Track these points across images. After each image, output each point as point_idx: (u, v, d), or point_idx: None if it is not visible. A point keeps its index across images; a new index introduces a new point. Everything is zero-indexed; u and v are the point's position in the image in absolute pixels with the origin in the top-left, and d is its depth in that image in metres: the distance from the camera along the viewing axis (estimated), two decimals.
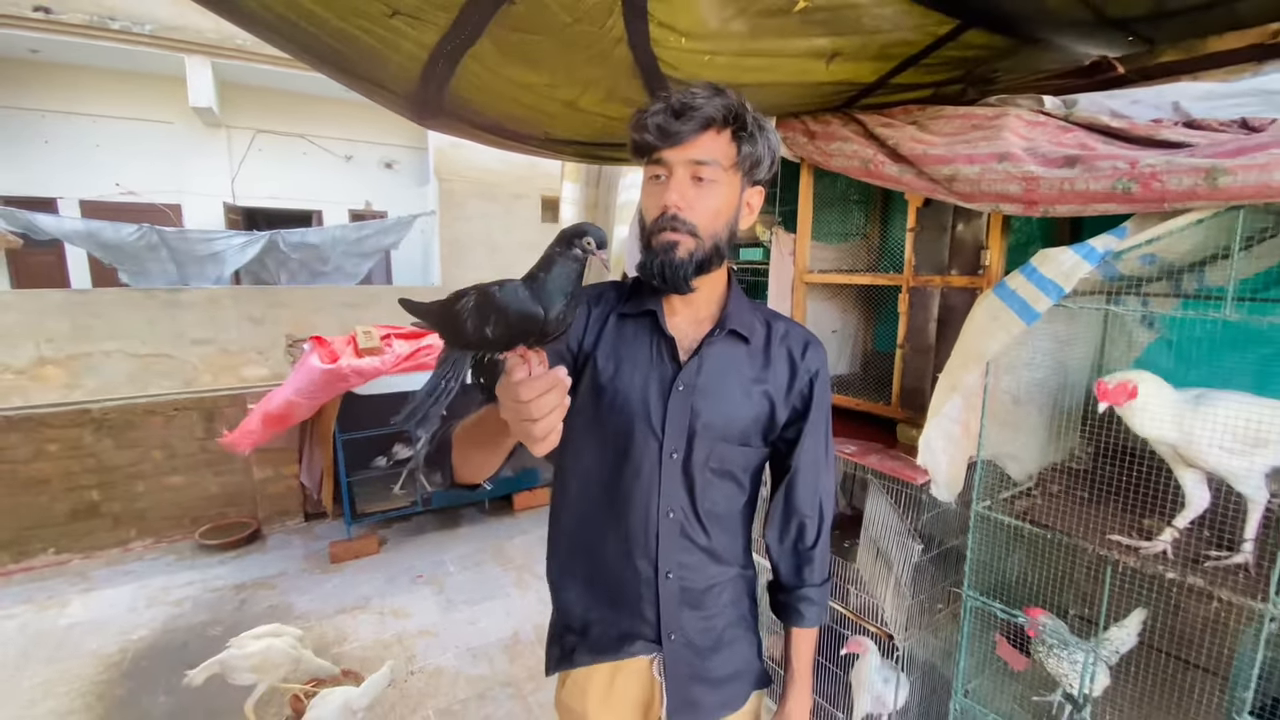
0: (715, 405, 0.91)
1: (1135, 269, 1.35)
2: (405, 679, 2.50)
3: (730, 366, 0.93)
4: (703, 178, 0.84)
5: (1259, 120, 1.12)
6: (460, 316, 0.68)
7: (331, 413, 3.35)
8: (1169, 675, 1.45)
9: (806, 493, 0.99)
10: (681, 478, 0.92)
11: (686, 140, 0.83)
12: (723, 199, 0.87)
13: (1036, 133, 1.45)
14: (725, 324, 0.92)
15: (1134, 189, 1.16)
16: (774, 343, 0.96)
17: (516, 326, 0.68)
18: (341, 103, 7.03)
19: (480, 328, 0.67)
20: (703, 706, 0.97)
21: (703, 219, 0.85)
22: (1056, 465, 1.76)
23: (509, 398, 0.66)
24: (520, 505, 4.16)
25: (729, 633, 0.99)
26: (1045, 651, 1.45)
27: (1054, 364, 1.63)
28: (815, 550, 1.02)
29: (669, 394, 0.90)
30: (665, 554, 0.92)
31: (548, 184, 6.60)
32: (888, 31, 1.53)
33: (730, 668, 0.99)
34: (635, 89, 1.84)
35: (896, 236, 2.36)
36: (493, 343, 0.68)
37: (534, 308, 0.68)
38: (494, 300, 0.67)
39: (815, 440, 0.98)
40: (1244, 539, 1.15)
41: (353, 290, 5.79)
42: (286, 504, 3.94)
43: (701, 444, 0.91)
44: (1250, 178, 0.98)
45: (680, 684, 0.95)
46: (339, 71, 1.77)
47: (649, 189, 0.89)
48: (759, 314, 0.98)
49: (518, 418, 0.65)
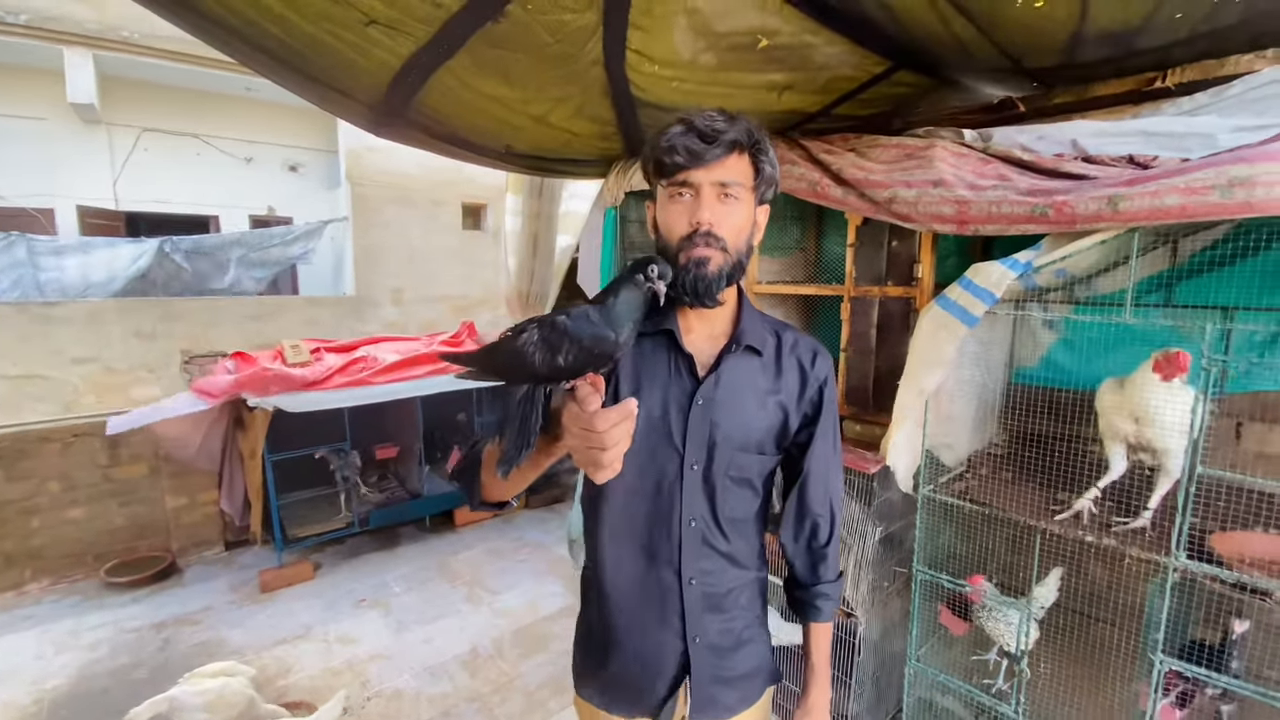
0: (733, 417, 0.94)
1: (1049, 280, 1.58)
2: (363, 705, 2.41)
3: (746, 380, 0.96)
4: (729, 195, 0.88)
5: (1143, 157, 1.36)
6: (525, 352, 0.69)
7: (259, 432, 3.15)
8: (1086, 631, 1.70)
9: (818, 493, 1.04)
10: (703, 487, 0.95)
11: (715, 162, 0.86)
12: (745, 216, 0.92)
13: (962, 163, 1.66)
14: (741, 340, 0.95)
15: (1049, 212, 1.37)
16: (784, 353, 1.00)
17: (590, 353, 0.70)
18: (240, 101, 6.57)
19: (551, 359, 0.69)
20: (723, 704, 1.01)
21: (730, 235, 0.89)
22: (981, 451, 2.00)
23: (581, 426, 0.67)
24: (462, 521, 4.07)
25: (746, 633, 1.03)
26: (985, 614, 1.66)
27: (979, 363, 1.86)
28: (829, 548, 1.07)
29: (689, 409, 0.93)
30: (688, 561, 0.95)
31: (469, 190, 6.47)
32: (833, 69, 1.70)
33: (748, 665, 1.03)
34: (604, 107, 1.92)
35: (832, 250, 2.58)
36: (565, 371, 0.70)
37: (607, 332, 0.71)
38: (566, 331, 0.69)
39: (825, 443, 1.02)
40: (1146, 507, 1.39)
41: (256, 301, 5.40)
42: (204, 533, 3.64)
43: (721, 454, 0.94)
44: (1144, 204, 1.21)
45: (703, 684, 0.98)
46: (296, 76, 1.73)
47: (672, 207, 0.91)
48: (768, 325, 1.02)
49: (588, 446, 0.67)
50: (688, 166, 0.87)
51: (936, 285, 1.85)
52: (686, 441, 0.93)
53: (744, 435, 0.95)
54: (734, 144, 0.87)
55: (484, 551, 3.75)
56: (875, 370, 2.35)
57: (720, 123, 0.87)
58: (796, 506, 1.05)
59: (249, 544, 3.78)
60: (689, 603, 0.96)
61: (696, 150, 0.86)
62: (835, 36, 1.49)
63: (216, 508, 3.62)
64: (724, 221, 0.89)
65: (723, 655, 1.00)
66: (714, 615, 0.98)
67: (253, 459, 3.27)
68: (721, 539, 0.97)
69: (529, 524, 4.13)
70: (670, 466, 0.94)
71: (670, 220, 0.91)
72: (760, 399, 0.97)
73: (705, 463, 0.94)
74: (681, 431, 0.93)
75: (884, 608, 2.08)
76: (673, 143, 0.87)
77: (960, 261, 2.17)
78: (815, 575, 1.08)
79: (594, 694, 1.05)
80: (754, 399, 0.96)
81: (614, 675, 1.01)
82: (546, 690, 2.44)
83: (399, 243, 6.18)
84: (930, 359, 1.56)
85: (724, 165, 0.88)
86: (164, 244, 5.05)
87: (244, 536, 3.78)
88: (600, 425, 0.66)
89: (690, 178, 0.88)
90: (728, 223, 0.89)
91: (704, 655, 0.98)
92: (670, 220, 0.91)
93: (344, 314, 5.62)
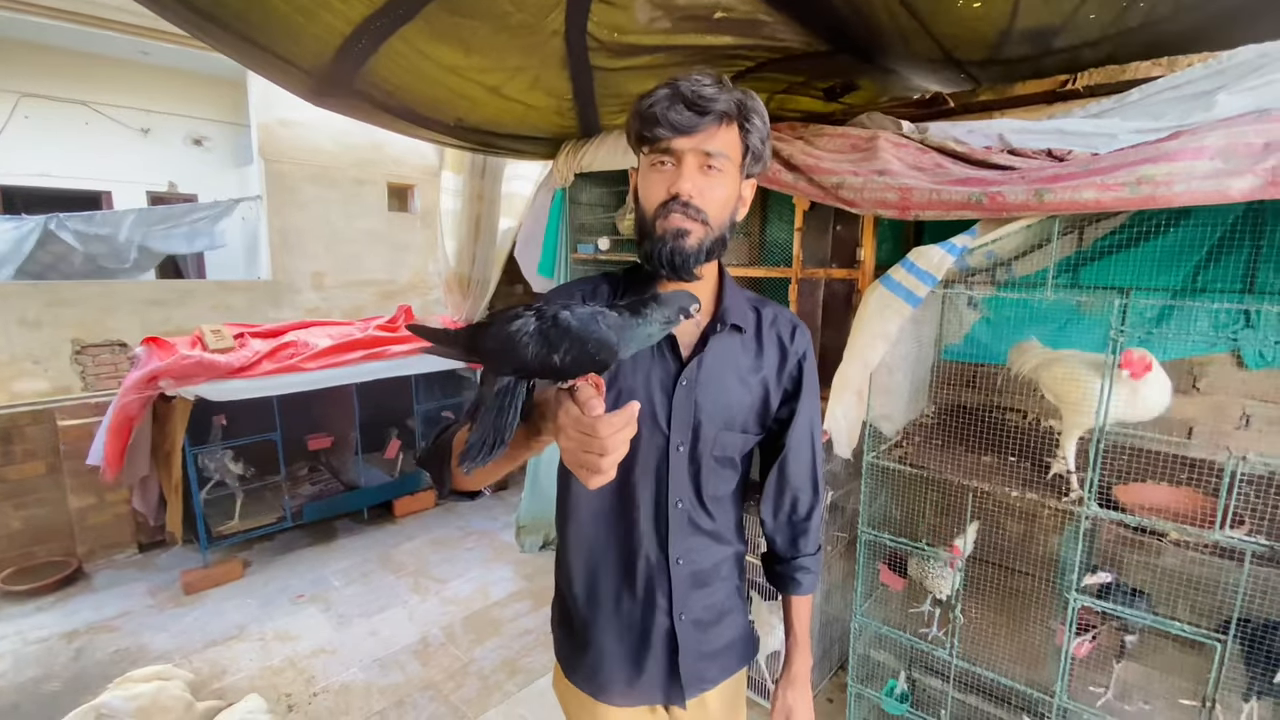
0: (717, 397, 0.93)
1: (980, 262, 1.73)
2: (309, 701, 2.32)
3: (729, 358, 0.95)
4: (712, 166, 0.84)
5: (1060, 151, 1.52)
6: (518, 342, 0.62)
7: (179, 424, 2.93)
8: (1007, 580, 1.89)
9: (799, 468, 1.03)
10: (688, 468, 0.94)
11: (700, 131, 0.82)
12: (729, 190, 0.88)
13: (903, 153, 1.78)
14: (725, 319, 0.93)
15: (984, 200, 1.51)
16: (765, 329, 0.98)
17: (592, 358, 0.63)
18: (134, 65, 5.99)
19: (546, 356, 0.62)
20: (707, 677, 1.02)
21: (712, 208, 0.86)
22: (914, 421, 2.16)
23: (581, 430, 0.62)
24: (402, 511, 3.95)
25: (727, 603, 1.04)
26: (924, 570, 1.81)
27: (913, 340, 2.01)
28: (810, 522, 1.07)
29: (674, 391, 0.91)
30: (675, 542, 0.95)
31: (395, 170, 6.18)
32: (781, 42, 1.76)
33: (729, 636, 1.05)
34: (561, 79, 1.92)
35: (775, 234, 2.68)
36: (558, 371, 0.63)
37: (614, 342, 0.64)
38: (569, 329, 0.62)
39: (805, 418, 1.01)
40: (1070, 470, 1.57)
41: (159, 286, 4.95)
42: (114, 535, 3.36)
43: (706, 434, 0.93)
44: (1065, 195, 1.35)
45: (690, 660, 0.99)
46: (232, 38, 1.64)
47: (652, 176, 0.87)
48: (748, 301, 1.00)
49: (586, 450, 0.62)
50: (671, 135, 0.82)
51: (876, 268, 1.98)
52: (672, 423, 0.91)
53: (727, 414, 0.94)
54: (722, 115, 0.83)
55: (427, 541, 3.66)
56: (822, 348, 2.48)
57: (708, 89, 0.82)
58: (777, 482, 1.04)
59: (167, 544, 3.52)
60: (676, 582, 0.96)
61: (681, 121, 0.81)
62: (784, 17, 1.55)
63: (128, 507, 3.34)
64: (706, 193, 0.85)
65: (706, 629, 1.01)
66: (699, 591, 0.99)
67: (170, 454, 3.04)
68: (706, 518, 0.97)
69: (474, 512, 4.06)
70: (655, 449, 0.92)
71: (649, 189, 0.87)
72: (743, 377, 0.96)
73: (690, 443, 0.93)
74: (666, 413, 0.91)
75: (828, 571, 2.22)
76: (656, 109, 0.82)
77: (895, 247, 2.32)
78: (796, 549, 1.08)
79: (583, 680, 1.02)
80: (737, 378, 0.95)
81: (602, 657, 1.00)
82: (502, 673, 2.44)
83: (319, 224, 5.82)
84: (875, 335, 1.67)
85: (709, 135, 0.83)
86: (50, 221, 4.57)
87: (160, 537, 3.51)
88: (604, 431, 0.61)
89: (674, 145, 0.83)
90: (710, 195, 0.85)
91: (690, 631, 0.98)
92: (649, 189, 0.87)
93: (260, 299, 5.26)
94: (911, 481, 1.93)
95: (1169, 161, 1.25)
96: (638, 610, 0.97)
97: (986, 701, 2.04)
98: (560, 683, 1.09)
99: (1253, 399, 1.76)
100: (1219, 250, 1.74)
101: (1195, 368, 1.84)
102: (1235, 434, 1.79)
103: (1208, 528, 1.30)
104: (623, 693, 1.00)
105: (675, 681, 0.99)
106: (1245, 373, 1.78)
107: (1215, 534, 1.28)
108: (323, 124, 5.62)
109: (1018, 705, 1.83)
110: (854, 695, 1.96)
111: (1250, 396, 1.77)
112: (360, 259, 5.92)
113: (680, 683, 0.99)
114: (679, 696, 1.00)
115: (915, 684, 2.14)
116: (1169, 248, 1.78)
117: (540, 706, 2.24)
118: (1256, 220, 1.66)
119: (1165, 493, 1.49)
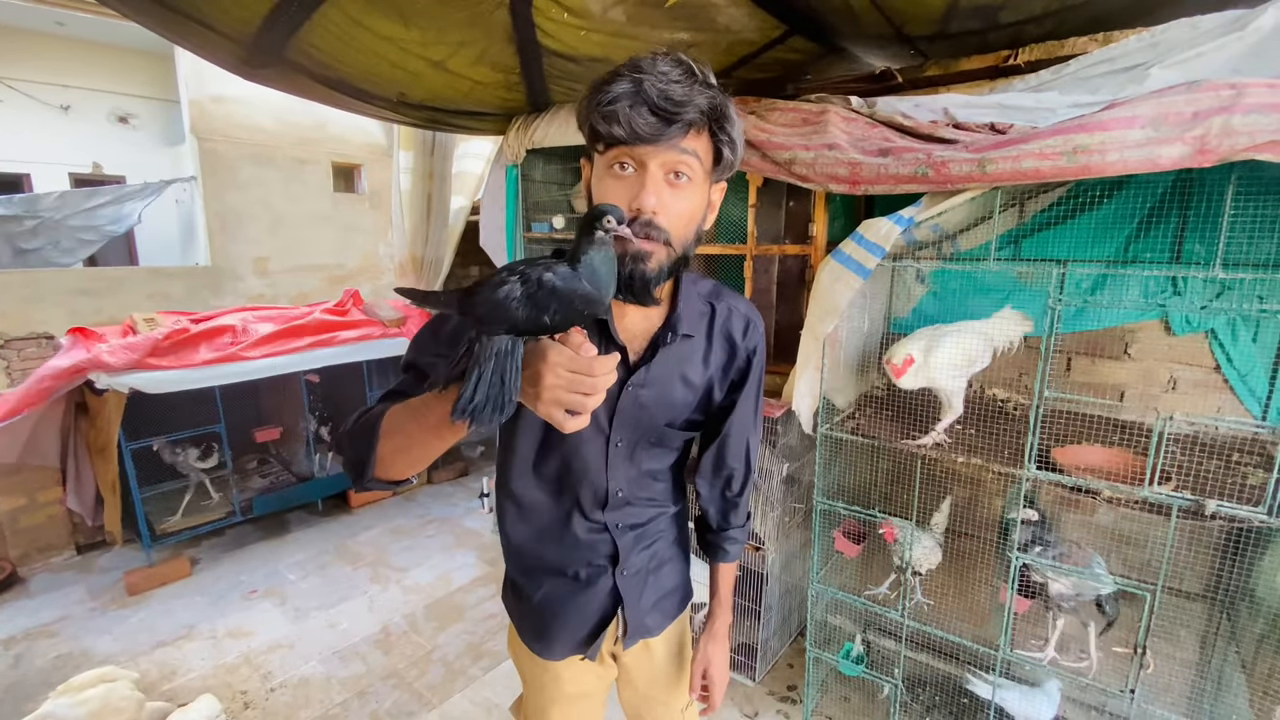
0: (661, 399, 0.93)
1: (927, 235, 1.76)
2: (266, 697, 2.26)
3: (676, 364, 0.94)
4: (680, 174, 0.77)
5: (1002, 125, 1.55)
6: (509, 306, 0.64)
7: (113, 418, 2.77)
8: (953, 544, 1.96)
9: (737, 449, 1.06)
10: (626, 460, 0.96)
11: (666, 139, 0.73)
12: (696, 201, 0.81)
13: (852, 127, 1.79)
14: (677, 328, 0.90)
15: (930, 173, 1.53)
16: (716, 330, 0.97)
17: (580, 314, 0.67)
18: (50, 38, 5.57)
19: (536, 317, 0.64)
20: (649, 625, 1.08)
21: (676, 225, 0.79)
22: (865, 394, 2.21)
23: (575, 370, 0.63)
24: (358, 501, 3.86)
25: (666, 552, 1.09)
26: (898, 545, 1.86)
27: (863, 315, 2.05)
28: (741, 497, 1.11)
29: (619, 396, 0.90)
30: (613, 515, 0.99)
31: (340, 149, 5.92)
32: (735, 31, 1.76)
33: (669, 584, 1.11)
34: (508, 54, 1.85)
35: (730, 212, 2.68)
36: (549, 328, 0.66)
37: (595, 294, 0.67)
38: (555, 290, 0.64)
39: (748, 406, 1.03)
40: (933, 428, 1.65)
41: (86, 274, 4.66)
42: (49, 537, 3.18)
43: (645, 430, 0.95)
44: (1006, 166, 1.38)
45: (634, 611, 1.04)
46: (149, 5, 1.52)
47: (610, 181, 0.79)
48: (703, 297, 0.97)
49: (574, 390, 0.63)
50: (632, 143, 0.74)
51: (829, 243, 2.00)
52: (614, 425, 0.92)
53: (670, 414, 0.95)
54: (690, 124, 0.74)
55: (386, 531, 3.59)
56: (776, 324, 2.51)
57: (678, 91, 0.72)
58: (714, 461, 1.07)
59: (106, 545, 3.35)
60: (619, 544, 1.00)
61: (645, 128, 0.72)
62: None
63: (62, 508, 3.17)
64: (670, 208, 0.78)
65: (646, 579, 1.06)
66: (639, 546, 1.03)
67: (104, 450, 2.88)
68: (644, 492, 1.01)
69: (433, 499, 4.00)
70: (595, 445, 0.93)
71: (607, 197, 0.78)
72: (687, 379, 0.96)
73: (630, 439, 0.94)
74: (609, 416, 0.91)
75: (786, 540, 2.27)
76: (616, 109, 0.72)
77: (847, 223, 2.35)
78: (726, 521, 1.13)
79: (532, 639, 1.07)
80: (681, 380, 0.95)
81: (550, 618, 1.04)
82: (467, 658, 2.42)
83: (260, 207, 5.54)
84: (827, 308, 1.70)
85: (678, 144, 0.75)
86: None
87: (99, 538, 3.35)
88: (599, 370, 0.63)
89: (634, 153, 0.75)
90: (674, 210, 0.78)
91: (631, 583, 1.03)
92: (607, 197, 0.78)
93: (198, 286, 5.02)
94: (863, 451, 1.98)
95: (1103, 130, 1.29)
96: (582, 570, 1.01)
97: (937, 659, 2.13)
98: (514, 644, 1.13)
99: (1178, 363, 1.86)
100: (1149, 222, 1.81)
101: (1127, 335, 1.93)
102: (1163, 396, 1.88)
103: (1138, 485, 1.37)
104: (569, 646, 1.05)
105: (620, 632, 1.06)
106: (1172, 339, 1.87)
107: (1145, 491, 1.36)
108: (260, 100, 5.33)
109: (965, 660, 1.92)
110: (812, 659, 2.02)
111: (1176, 361, 1.87)
112: (306, 243, 5.68)
113: (625, 633, 1.05)
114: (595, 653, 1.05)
115: (870, 646, 2.22)
116: (1103, 220, 1.85)
117: (505, 689, 2.24)
118: (1184, 192, 1.73)
119: (1100, 453, 1.56)
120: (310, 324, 3.37)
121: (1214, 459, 1.52)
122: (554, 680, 1.09)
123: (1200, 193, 1.68)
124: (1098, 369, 1.98)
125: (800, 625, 2.55)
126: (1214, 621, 1.76)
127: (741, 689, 2.25)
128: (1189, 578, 1.83)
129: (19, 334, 3.88)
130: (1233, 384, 1.78)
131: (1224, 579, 1.62)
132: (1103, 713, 1.92)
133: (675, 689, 1.18)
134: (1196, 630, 1.78)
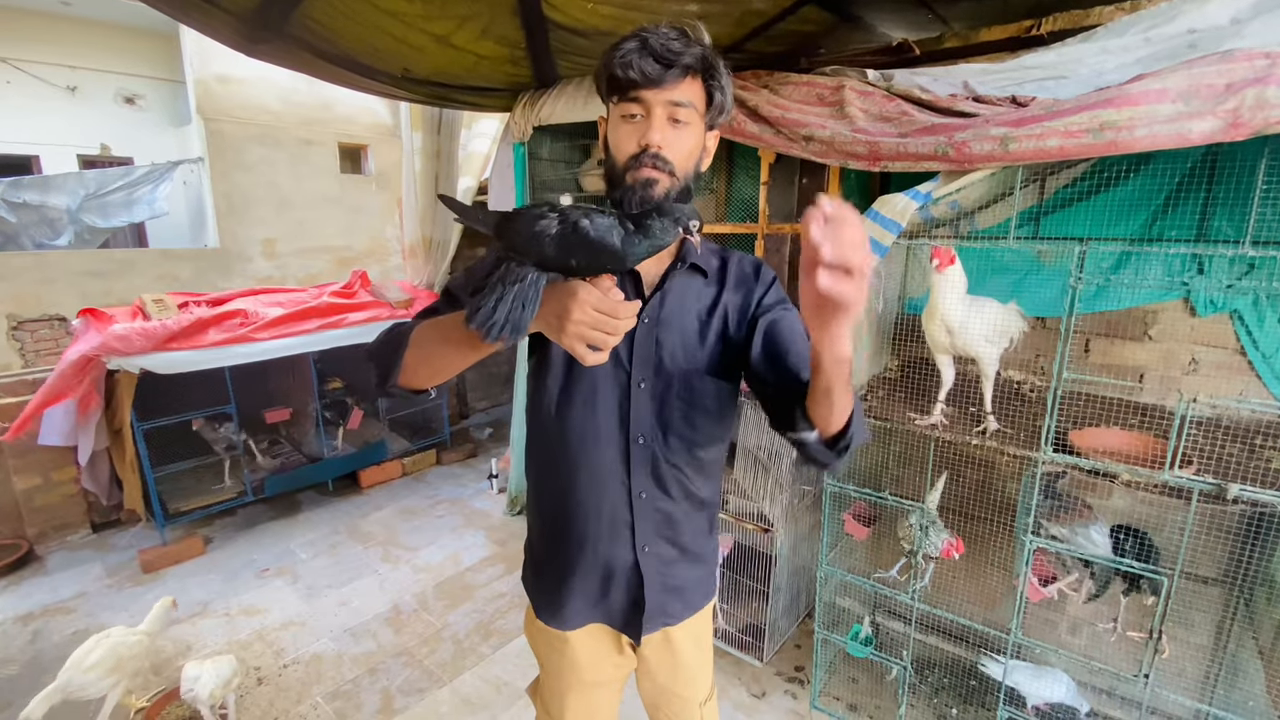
0: (678, 336, 0.95)
1: (944, 213, 1.72)
2: (279, 673, 2.30)
3: (691, 298, 0.97)
4: (679, 119, 0.89)
5: (1024, 97, 1.50)
6: (542, 241, 0.69)
7: (125, 399, 2.79)
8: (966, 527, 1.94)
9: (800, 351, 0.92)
10: (650, 405, 0.96)
11: (668, 84, 0.86)
12: (695, 141, 0.92)
13: (868, 102, 1.74)
14: (686, 258, 0.96)
15: (950, 152, 1.48)
16: (730, 272, 1.00)
17: (602, 267, 0.72)
18: (56, 18, 5.53)
19: (562, 257, 0.70)
20: (670, 611, 1.06)
21: (679, 159, 0.90)
22: (878, 375, 2.18)
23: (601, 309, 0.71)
24: (368, 482, 3.89)
25: (693, 545, 1.06)
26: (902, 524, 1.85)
27: (877, 296, 2.01)
28: None
29: (636, 327, 0.90)
30: (636, 477, 0.98)
31: (346, 129, 5.88)
32: (746, 1, 1.71)
33: (692, 575, 1.08)
34: (513, 28, 1.81)
35: (742, 190, 2.64)
36: (570, 271, 0.72)
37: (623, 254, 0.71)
38: (587, 237, 0.69)
39: (790, 316, 0.96)
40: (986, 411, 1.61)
41: (97, 256, 4.66)
42: (65, 516, 3.23)
43: (669, 373, 0.95)
44: (1030, 145, 1.33)
45: (654, 592, 1.03)
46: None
47: (623, 128, 0.91)
48: (713, 249, 1.03)
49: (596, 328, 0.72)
50: (641, 87, 0.86)
51: None
52: (633, 359, 0.94)
53: (689, 354, 0.96)
54: (688, 68, 0.86)
55: (396, 511, 3.62)
56: None
57: (676, 44, 0.85)
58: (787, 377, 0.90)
59: (122, 524, 3.40)
60: (637, 514, 0.99)
61: (650, 73, 0.85)
62: None
63: (77, 487, 3.21)
64: (673, 145, 0.89)
65: (669, 564, 1.04)
66: (662, 526, 1.02)
67: (120, 430, 2.91)
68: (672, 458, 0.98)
69: (442, 480, 4.03)
70: (617, 384, 0.95)
71: (620, 140, 0.91)
72: (704, 317, 0.98)
73: (653, 381, 0.96)
74: (628, 350, 0.94)
75: (795, 523, 2.26)
76: (628, 61, 0.85)
77: (861, 199, 2.30)
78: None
79: (549, 615, 1.07)
80: (697, 317, 0.98)
81: (569, 591, 1.04)
82: (476, 636, 2.44)
83: (267, 188, 5.52)
84: None
85: (677, 88, 0.87)
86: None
87: (115, 517, 3.39)
88: (623, 313, 0.72)
89: (643, 96, 0.87)
90: (677, 146, 0.90)
91: (652, 563, 1.02)
92: (620, 140, 0.91)
93: (207, 268, 5.03)
94: (875, 433, 1.96)
95: (1131, 105, 1.24)
96: (604, 543, 1.01)
97: (946, 641, 2.12)
98: (531, 625, 1.14)
99: (1200, 344, 1.82)
100: (1174, 198, 1.76)
101: (1147, 316, 1.88)
102: (1184, 379, 1.84)
103: (1158, 469, 1.34)
104: (584, 612, 1.06)
105: (637, 612, 1.04)
106: (1194, 319, 1.83)
107: (1165, 474, 1.33)
108: (265, 80, 5.29)
109: (975, 644, 1.91)
110: (820, 640, 2.02)
111: (1198, 342, 1.82)
112: (313, 224, 5.66)
113: (642, 614, 1.03)
114: (636, 629, 1.04)
115: (879, 628, 2.21)
116: (1126, 197, 1.80)
117: (514, 666, 2.25)
118: (1211, 168, 1.67)
119: (1118, 436, 1.53)
120: (319, 306, 3.36)
121: (1236, 442, 1.49)
122: (571, 667, 1.09)
123: (1229, 167, 1.62)
124: (1117, 350, 1.94)
125: (809, 607, 2.55)
126: (1231, 607, 1.74)
127: (749, 669, 2.25)
128: (1205, 562, 1.81)
129: (32, 315, 3.92)
130: (1256, 366, 1.74)
131: (1242, 564, 1.59)
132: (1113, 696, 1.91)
133: (695, 683, 1.16)
134: (1213, 616, 1.75)
